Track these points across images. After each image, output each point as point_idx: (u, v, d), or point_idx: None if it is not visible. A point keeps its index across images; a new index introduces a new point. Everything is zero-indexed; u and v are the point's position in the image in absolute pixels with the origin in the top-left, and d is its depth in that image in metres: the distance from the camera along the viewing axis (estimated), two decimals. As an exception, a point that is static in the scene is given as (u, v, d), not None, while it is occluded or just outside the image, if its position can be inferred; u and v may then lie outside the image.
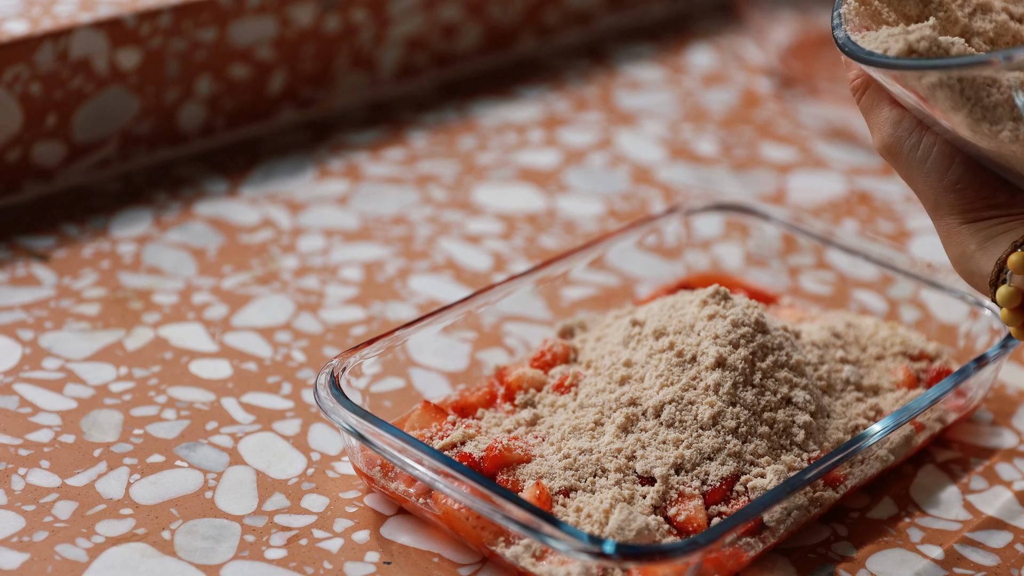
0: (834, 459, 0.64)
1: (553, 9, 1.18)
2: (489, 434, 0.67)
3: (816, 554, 0.66)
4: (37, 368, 0.75)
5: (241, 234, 0.89)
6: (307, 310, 0.81)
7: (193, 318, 0.80)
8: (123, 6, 0.92)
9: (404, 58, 1.09)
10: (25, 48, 0.87)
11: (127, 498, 0.66)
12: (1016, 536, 0.68)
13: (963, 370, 0.70)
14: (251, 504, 0.66)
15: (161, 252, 0.86)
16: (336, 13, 1.03)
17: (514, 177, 0.99)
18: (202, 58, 0.96)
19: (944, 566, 0.66)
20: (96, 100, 0.92)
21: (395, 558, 0.64)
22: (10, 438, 0.69)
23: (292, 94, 1.03)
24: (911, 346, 0.76)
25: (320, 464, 0.69)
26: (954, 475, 0.71)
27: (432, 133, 1.04)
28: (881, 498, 0.69)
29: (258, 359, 0.77)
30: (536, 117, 1.08)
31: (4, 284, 0.82)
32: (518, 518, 0.59)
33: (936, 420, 0.71)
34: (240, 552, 0.63)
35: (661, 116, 1.09)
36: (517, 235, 0.91)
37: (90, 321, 0.79)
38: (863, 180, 1.01)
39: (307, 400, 0.74)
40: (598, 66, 1.17)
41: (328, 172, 0.97)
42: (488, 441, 0.66)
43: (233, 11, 0.97)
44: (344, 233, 0.90)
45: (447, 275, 0.86)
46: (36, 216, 0.89)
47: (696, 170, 1.01)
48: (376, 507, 0.67)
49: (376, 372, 0.71)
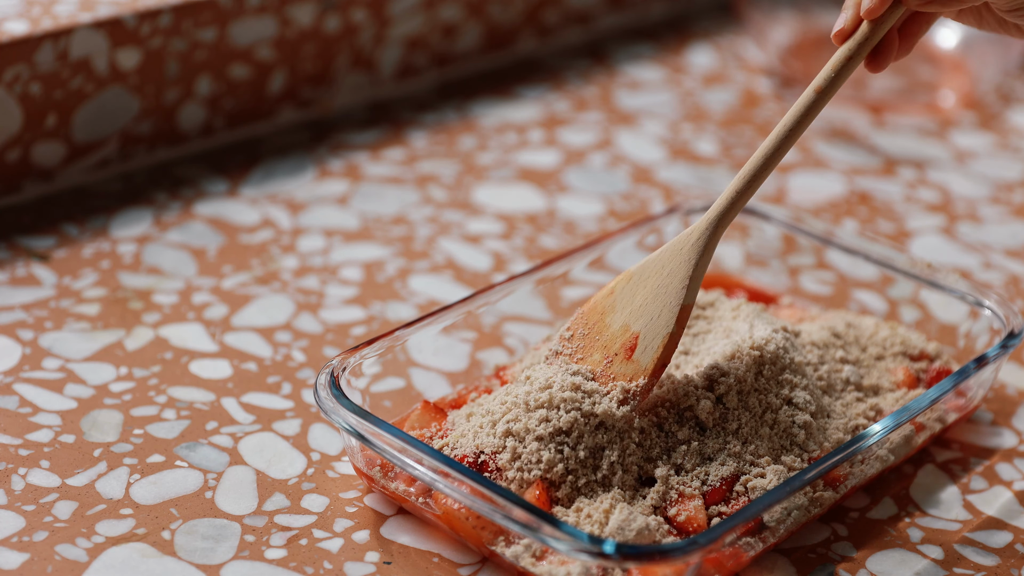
0: (834, 459, 0.64)
1: (553, 9, 1.18)
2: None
3: (816, 554, 0.66)
4: (37, 368, 0.75)
5: (241, 234, 0.89)
6: (307, 310, 0.81)
7: (193, 318, 0.80)
8: (123, 6, 0.92)
9: (404, 58, 1.09)
10: (25, 48, 0.87)
11: (127, 498, 0.66)
12: (1016, 536, 0.68)
13: (963, 370, 0.70)
14: (251, 504, 0.66)
15: (161, 252, 0.86)
16: (336, 13, 1.03)
17: (514, 177, 0.99)
18: (202, 58, 0.96)
19: (944, 566, 0.66)
20: (96, 100, 0.92)
21: (395, 558, 0.64)
22: (10, 438, 0.69)
23: (292, 94, 1.03)
24: (911, 346, 0.76)
25: (320, 464, 0.69)
26: (954, 475, 0.71)
27: (432, 133, 1.04)
28: (881, 498, 0.69)
29: (258, 359, 0.77)
30: (536, 117, 1.08)
31: (4, 284, 0.82)
32: (518, 518, 0.59)
33: (936, 420, 0.71)
34: (240, 552, 0.63)
35: (661, 116, 1.09)
36: (517, 235, 0.91)
37: (90, 321, 0.79)
38: (863, 180, 1.01)
39: (307, 400, 0.74)
40: (598, 66, 1.17)
41: (328, 172, 0.97)
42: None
43: (233, 11, 0.97)
44: (344, 233, 0.90)
45: (447, 275, 0.86)
46: (36, 216, 0.89)
47: (696, 170, 1.01)
48: (376, 507, 0.67)
49: (376, 372, 0.71)
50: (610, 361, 0.65)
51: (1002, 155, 1.06)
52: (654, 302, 0.65)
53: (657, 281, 0.65)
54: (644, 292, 0.65)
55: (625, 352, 0.64)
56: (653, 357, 0.64)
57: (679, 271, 0.65)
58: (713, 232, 0.65)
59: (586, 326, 0.67)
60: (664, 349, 0.64)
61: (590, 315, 0.67)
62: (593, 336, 0.66)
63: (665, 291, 0.64)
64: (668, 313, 0.64)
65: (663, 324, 0.64)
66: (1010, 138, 1.09)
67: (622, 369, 0.64)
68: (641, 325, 0.64)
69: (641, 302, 0.65)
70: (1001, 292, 0.88)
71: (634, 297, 0.65)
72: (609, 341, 0.65)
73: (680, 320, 0.64)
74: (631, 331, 0.65)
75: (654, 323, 0.64)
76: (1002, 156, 1.06)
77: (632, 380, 0.64)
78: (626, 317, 0.65)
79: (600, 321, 0.66)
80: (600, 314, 0.66)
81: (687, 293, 0.64)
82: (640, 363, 0.64)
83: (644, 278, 0.66)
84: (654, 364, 0.64)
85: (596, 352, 0.65)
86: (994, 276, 0.90)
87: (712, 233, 0.65)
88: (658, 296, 0.64)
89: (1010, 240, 0.94)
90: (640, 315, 0.65)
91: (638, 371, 0.64)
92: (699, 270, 0.65)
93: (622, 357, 0.64)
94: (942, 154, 1.06)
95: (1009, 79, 1.18)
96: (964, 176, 1.03)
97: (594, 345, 0.66)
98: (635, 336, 0.64)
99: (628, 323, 0.65)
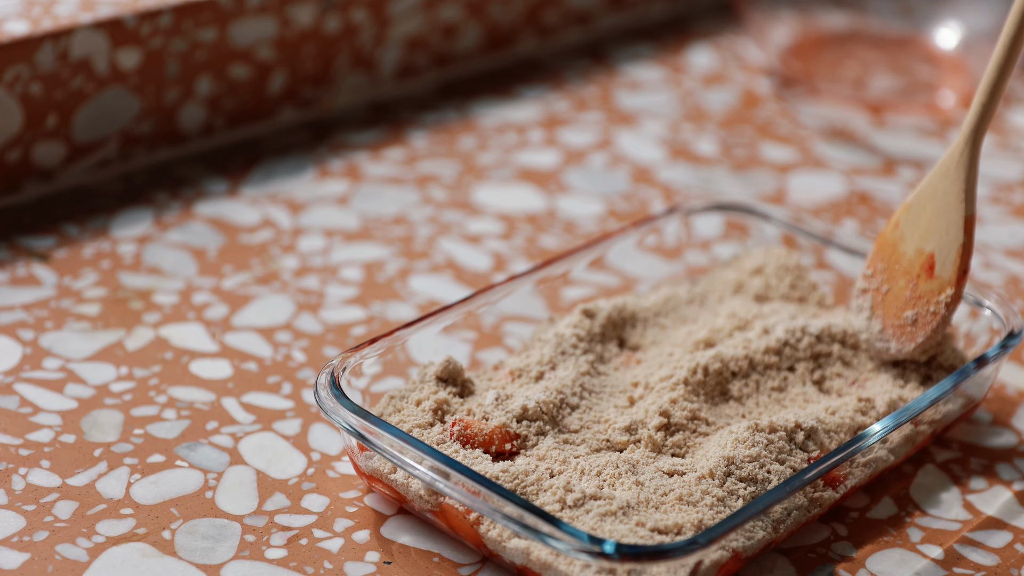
0: (834, 459, 0.64)
1: (553, 9, 1.18)
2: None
3: (816, 554, 0.66)
4: (37, 368, 0.75)
5: (241, 234, 0.89)
6: (307, 310, 0.81)
7: (193, 318, 0.80)
8: (123, 6, 0.92)
9: (404, 58, 1.09)
10: (25, 48, 0.87)
11: (127, 498, 0.66)
12: (1016, 536, 0.68)
13: (963, 370, 0.70)
14: (251, 504, 0.66)
15: (161, 252, 0.86)
16: (336, 13, 1.03)
17: (514, 177, 0.99)
18: (202, 58, 0.96)
19: (944, 566, 0.66)
20: (96, 100, 0.92)
21: (395, 558, 0.64)
22: (10, 438, 0.69)
23: (292, 94, 1.03)
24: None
25: (320, 464, 0.69)
26: (954, 475, 0.71)
27: (432, 133, 1.04)
28: (881, 498, 0.70)
29: (258, 359, 0.77)
30: (536, 117, 1.08)
31: (4, 284, 0.82)
32: (518, 518, 0.59)
33: (936, 420, 0.71)
34: (240, 552, 0.63)
35: (661, 116, 1.09)
36: (517, 235, 0.91)
37: (90, 321, 0.79)
38: (863, 180, 1.01)
39: (307, 400, 0.74)
40: (598, 66, 1.17)
41: (328, 172, 0.97)
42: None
43: (233, 11, 0.97)
44: (344, 233, 0.90)
45: (447, 275, 0.86)
46: (36, 216, 0.89)
47: (696, 170, 1.01)
48: (376, 507, 0.67)
49: (376, 372, 0.71)
50: (914, 283, 0.70)
51: (1002, 155, 1.06)
52: (939, 221, 0.70)
53: (935, 203, 0.70)
54: (927, 216, 0.71)
55: (926, 272, 0.70)
56: (953, 268, 0.69)
57: (953, 188, 0.70)
58: (973, 146, 0.70)
59: (883, 259, 0.73)
60: (961, 258, 0.69)
61: (883, 250, 0.73)
62: (893, 266, 0.72)
63: (946, 209, 0.70)
64: (955, 227, 0.70)
65: (953, 238, 0.69)
66: (1010, 138, 1.09)
67: (928, 287, 0.70)
68: (934, 244, 0.70)
69: (927, 225, 0.71)
70: (1001, 292, 0.88)
71: (919, 223, 0.71)
72: (909, 266, 0.71)
73: (967, 230, 0.69)
74: (926, 252, 0.70)
75: (945, 239, 0.70)
76: (1002, 156, 1.06)
77: (941, 292, 0.69)
78: (917, 241, 0.71)
79: (894, 252, 0.72)
80: (892, 246, 0.72)
81: (966, 205, 0.69)
82: (943, 277, 0.70)
83: (921, 204, 0.71)
84: (956, 274, 0.69)
85: (900, 278, 0.71)
86: (994, 276, 0.90)
87: (972, 147, 0.70)
88: (940, 215, 0.70)
89: (1010, 240, 0.94)
90: (929, 236, 0.70)
91: (943, 284, 0.70)
92: (971, 183, 0.70)
93: (925, 276, 0.70)
94: (942, 154, 1.06)
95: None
96: (964, 176, 1.03)
97: (896, 273, 0.71)
98: (931, 256, 0.70)
99: (920, 246, 0.71)
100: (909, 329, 0.71)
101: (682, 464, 0.65)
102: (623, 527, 0.60)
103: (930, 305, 0.70)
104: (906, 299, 0.71)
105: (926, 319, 0.70)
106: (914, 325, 0.70)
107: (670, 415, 0.67)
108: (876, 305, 0.72)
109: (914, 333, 0.70)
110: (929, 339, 0.70)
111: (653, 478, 0.64)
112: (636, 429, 0.67)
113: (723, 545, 0.61)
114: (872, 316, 0.72)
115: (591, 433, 0.67)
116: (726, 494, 0.63)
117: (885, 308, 0.72)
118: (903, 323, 0.71)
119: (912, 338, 0.70)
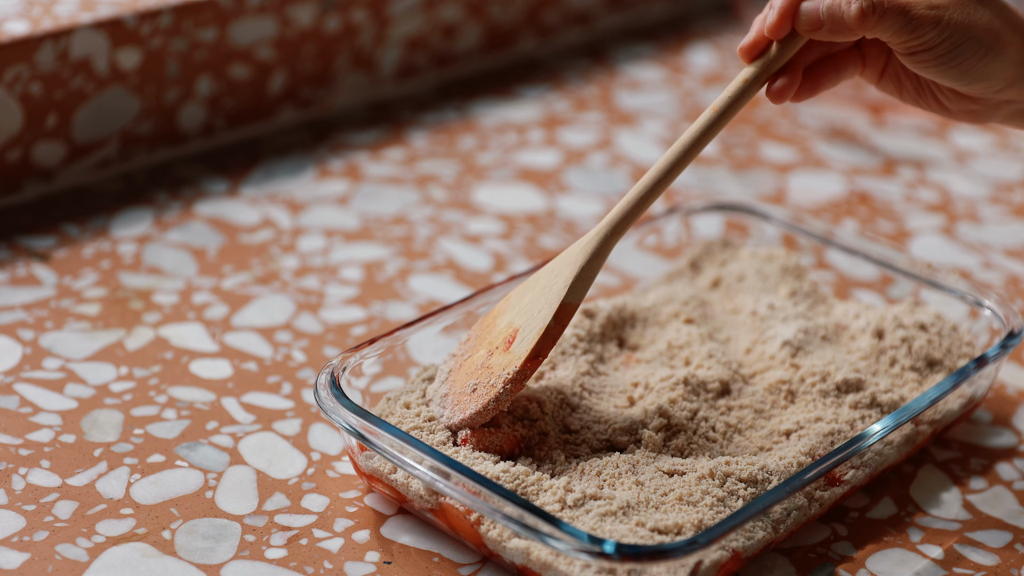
0: (834, 459, 0.64)
1: (553, 9, 1.18)
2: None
3: (816, 554, 0.66)
4: (38, 368, 0.75)
5: (241, 234, 0.89)
6: (307, 310, 0.81)
7: (193, 318, 0.80)
8: (123, 6, 0.92)
9: (404, 58, 1.09)
10: (25, 48, 0.87)
11: (127, 498, 0.66)
12: (1016, 536, 0.68)
13: (963, 370, 0.70)
14: (251, 504, 0.66)
15: (161, 252, 0.86)
16: (336, 13, 1.03)
17: (514, 177, 0.99)
18: (202, 58, 0.96)
19: (944, 566, 0.66)
20: (96, 100, 0.92)
21: (395, 558, 0.64)
22: (10, 438, 0.69)
23: (292, 94, 1.03)
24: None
25: (320, 464, 0.69)
26: (954, 475, 0.71)
27: (432, 133, 1.04)
28: (881, 498, 0.70)
29: (258, 359, 0.77)
30: (536, 117, 1.08)
31: (4, 284, 0.82)
32: (518, 518, 0.59)
33: (936, 420, 0.71)
34: (240, 552, 0.63)
35: (661, 116, 1.09)
36: (517, 235, 0.91)
37: (90, 321, 0.79)
38: (863, 180, 1.01)
39: (307, 400, 0.74)
40: (598, 66, 1.17)
41: (328, 172, 0.97)
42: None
43: (233, 11, 0.97)
44: (344, 233, 0.90)
45: (447, 275, 0.86)
46: (36, 216, 0.89)
47: (696, 170, 1.01)
48: (376, 507, 0.67)
49: (376, 372, 0.71)
50: (491, 354, 0.66)
51: (1002, 155, 1.06)
52: (539, 300, 0.66)
53: (545, 282, 0.67)
54: (533, 293, 0.67)
55: (505, 345, 0.66)
56: (528, 347, 0.65)
57: (565, 272, 0.66)
58: (606, 239, 0.66)
59: (481, 328, 0.69)
60: (540, 340, 0.65)
61: (486, 319, 0.69)
62: (484, 336, 0.68)
63: (550, 290, 0.66)
64: (547, 310, 0.65)
65: (542, 319, 0.65)
66: (1010, 138, 1.09)
67: (500, 360, 0.66)
68: (523, 320, 0.66)
69: (528, 302, 0.67)
70: (1001, 292, 0.88)
71: (523, 298, 0.67)
72: (495, 338, 0.67)
73: (560, 317, 0.65)
74: (513, 327, 0.67)
75: (535, 318, 0.66)
76: (1002, 156, 1.06)
77: (507, 367, 0.65)
78: (512, 316, 0.67)
79: (492, 323, 0.68)
80: (494, 316, 0.69)
81: (568, 292, 0.65)
82: (516, 353, 0.65)
83: (535, 281, 0.68)
84: (528, 353, 0.65)
85: (482, 348, 0.67)
86: (994, 276, 0.90)
87: (605, 240, 0.66)
88: (543, 295, 0.66)
89: (1010, 240, 0.94)
90: (523, 313, 0.67)
91: (513, 360, 0.65)
92: (587, 272, 0.66)
93: (503, 349, 0.66)
94: (942, 154, 1.06)
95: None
96: (964, 176, 1.03)
97: (482, 343, 0.68)
98: (516, 331, 0.66)
99: (512, 320, 0.67)
100: (466, 398, 0.66)
101: (682, 464, 0.65)
102: (623, 527, 0.60)
103: (491, 378, 0.65)
104: (476, 368, 0.67)
105: (484, 391, 0.65)
106: (472, 394, 0.66)
107: (670, 415, 0.67)
108: (454, 370, 0.68)
109: (467, 404, 0.65)
110: (479, 413, 0.65)
111: (653, 478, 0.64)
112: (636, 429, 0.67)
113: (723, 545, 0.61)
114: (446, 380, 0.68)
115: (591, 433, 0.67)
116: (726, 494, 0.63)
117: (458, 375, 0.67)
118: (463, 391, 0.66)
119: (464, 408, 0.65)
